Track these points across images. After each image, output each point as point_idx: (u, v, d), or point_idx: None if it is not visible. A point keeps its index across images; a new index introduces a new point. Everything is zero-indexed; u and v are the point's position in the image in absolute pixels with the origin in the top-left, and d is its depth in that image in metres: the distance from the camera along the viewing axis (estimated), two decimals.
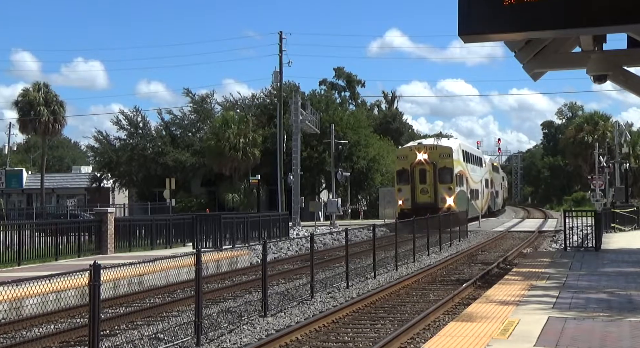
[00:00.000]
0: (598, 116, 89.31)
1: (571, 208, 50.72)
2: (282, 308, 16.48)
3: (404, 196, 50.27)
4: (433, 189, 50.18)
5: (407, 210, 47.45)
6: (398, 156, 54.06)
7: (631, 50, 18.74)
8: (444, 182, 50.14)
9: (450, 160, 50.47)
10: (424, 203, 48.82)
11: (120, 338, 13.12)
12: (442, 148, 51.91)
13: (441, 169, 50.29)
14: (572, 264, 21.38)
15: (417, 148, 51.66)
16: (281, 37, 53.82)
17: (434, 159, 50.39)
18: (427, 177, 50.32)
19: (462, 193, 56.05)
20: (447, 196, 49.72)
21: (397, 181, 52.24)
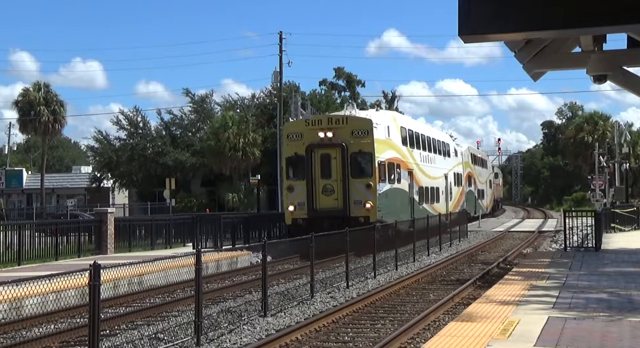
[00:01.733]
0: (598, 116, 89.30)
1: (571, 208, 50.75)
2: (282, 308, 16.48)
3: (297, 199, 30.87)
4: (342, 187, 30.46)
5: (302, 220, 30.25)
6: (288, 134, 32.07)
7: (631, 50, 18.74)
8: (360, 175, 30.73)
9: (369, 141, 30.71)
10: (329, 210, 30.35)
11: (120, 338, 13.12)
12: (358, 121, 31.56)
13: (355, 155, 30.78)
14: (572, 264, 21.39)
15: (318, 122, 31.90)
16: (281, 37, 53.88)
17: (344, 139, 30.67)
18: (333, 168, 30.76)
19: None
20: (365, 197, 30.32)
21: (286, 174, 32.49)
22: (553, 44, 19.48)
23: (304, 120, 34.33)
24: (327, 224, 27.42)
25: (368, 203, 30.10)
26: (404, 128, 36.10)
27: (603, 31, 12.96)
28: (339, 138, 30.66)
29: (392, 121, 34.90)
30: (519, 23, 5.31)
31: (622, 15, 5.04)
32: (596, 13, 5.09)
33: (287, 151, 32.03)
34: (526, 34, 6.53)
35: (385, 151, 32.17)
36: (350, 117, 31.97)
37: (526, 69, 20.35)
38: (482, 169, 64.48)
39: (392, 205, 32.09)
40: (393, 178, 32.93)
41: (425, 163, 39.26)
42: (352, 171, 30.56)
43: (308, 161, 30.73)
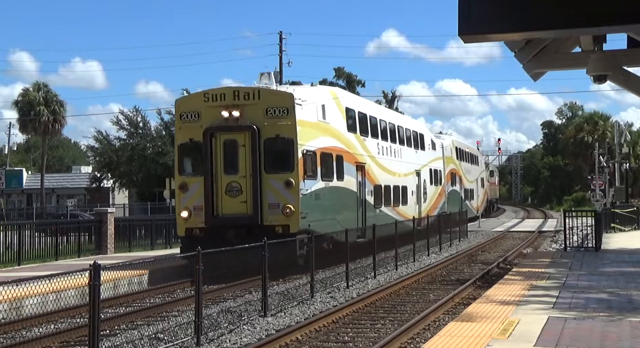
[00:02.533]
0: (598, 116, 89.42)
1: (571, 208, 50.78)
2: (282, 308, 16.48)
3: (193, 202, 23.03)
4: (252, 185, 22.47)
5: (200, 231, 22.71)
6: (182, 113, 23.74)
7: (631, 50, 18.77)
8: (276, 169, 22.80)
9: (289, 123, 22.68)
10: (234, 216, 22.57)
11: (120, 338, 13.12)
12: (274, 96, 23.27)
13: (271, 142, 22.75)
14: (572, 264, 21.39)
15: (220, 96, 23.16)
16: (281, 37, 53.87)
17: (256, 119, 22.73)
18: (240, 159, 22.88)
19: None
20: (284, 199, 22.41)
21: (178, 167, 24.15)
22: (553, 44, 19.50)
23: (201, 93, 23.60)
24: (232, 235, 21.29)
25: (287, 206, 21.94)
26: (351, 110, 27.60)
27: (603, 31, 12.98)
28: (248, 118, 22.34)
29: (331, 100, 25.97)
30: (519, 23, 5.31)
31: (622, 15, 5.04)
32: (596, 13, 5.09)
33: (180, 136, 23.69)
34: (526, 34, 6.54)
35: (316, 138, 23.95)
36: (264, 90, 22.92)
37: (526, 69, 20.38)
38: (472, 166, 55.57)
39: (327, 209, 24.23)
40: (330, 174, 24.86)
41: (386, 156, 31.11)
42: (267, 163, 22.34)
43: (207, 150, 22.51)
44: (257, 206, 22.16)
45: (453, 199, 45.42)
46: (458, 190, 47.99)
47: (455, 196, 46.51)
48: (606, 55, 18.82)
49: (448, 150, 45.27)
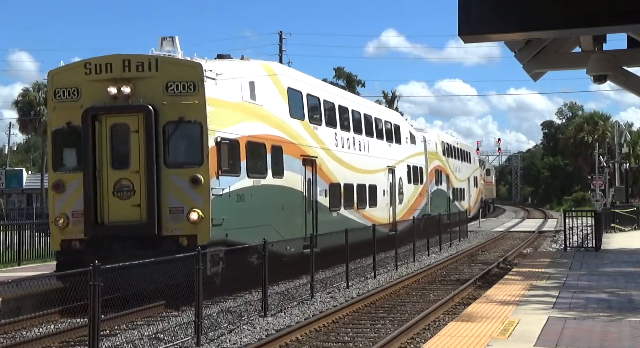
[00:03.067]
0: (598, 116, 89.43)
1: (571, 208, 50.77)
2: (282, 308, 16.48)
3: (70, 206, 17.94)
4: (147, 183, 17.32)
5: (80, 243, 17.60)
6: (56, 90, 18.29)
7: (631, 50, 18.78)
8: (180, 162, 17.72)
9: (197, 102, 17.42)
10: (125, 224, 17.40)
11: (120, 338, 13.12)
12: (177, 68, 17.76)
13: (173, 127, 17.67)
14: (572, 264, 21.40)
15: (106, 67, 17.83)
16: (281, 37, 53.86)
17: (152, 97, 17.50)
18: (132, 150, 17.73)
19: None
20: (189, 202, 17.21)
21: (52, 160, 19.33)
22: (553, 44, 19.51)
23: (82, 63, 18.16)
24: (120, 249, 16.74)
25: (194, 211, 16.83)
26: (296, 92, 22.36)
27: (603, 31, 12.98)
28: (143, 96, 17.20)
29: (266, 77, 20.63)
30: (519, 23, 5.31)
31: (622, 15, 5.04)
32: (596, 13, 5.09)
33: (55, 119, 18.58)
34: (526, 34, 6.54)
35: (238, 123, 18.66)
36: (163, 60, 17.54)
37: (526, 69, 20.39)
38: (462, 163, 49.92)
39: (256, 214, 18.96)
40: (262, 169, 19.73)
41: (347, 150, 26.01)
42: (168, 155, 17.29)
43: (88, 138, 17.47)
44: (153, 210, 16.85)
45: (438, 200, 40.70)
46: (444, 190, 42.91)
47: (441, 197, 41.61)
48: (606, 55, 18.83)
49: (432, 145, 40.21)
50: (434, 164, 40.19)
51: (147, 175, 17.17)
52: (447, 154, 44.57)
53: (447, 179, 43.64)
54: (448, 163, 44.53)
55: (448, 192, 43.85)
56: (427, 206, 37.37)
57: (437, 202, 40.00)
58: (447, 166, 44.11)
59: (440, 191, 41.85)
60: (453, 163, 46.13)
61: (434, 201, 39.17)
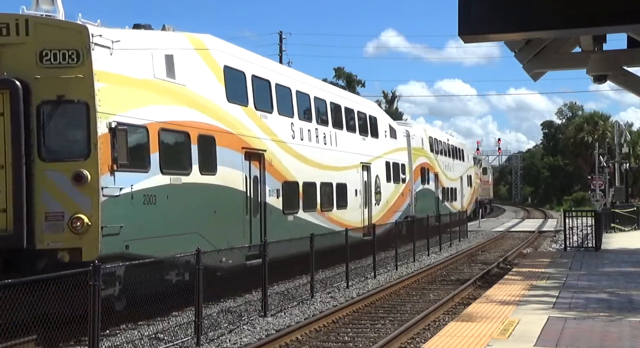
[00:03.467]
0: (598, 116, 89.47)
1: (571, 208, 50.73)
2: (282, 308, 16.48)
3: None
4: (14, 181, 13.26)
5: None
6: None
7: (631, 50, 18.78)
8: (59, 154, 13.57)
9: (80, 77, 13.37)
10: None
11: (120, 338, 13.12)
12: (55, 32, 13.65)
13: (50, 109, 13.57)
14: (572, 264, 21.40)
15: None
16: (281, 37, 53.83)
17: (20, 70, 13.50)
18: None
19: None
20: (71, 206, 13.18)
21: None
22: (553, 44, 19.51)
23: None
24: None
25: (79, 217, 13.20)
26: (235, 72, 18.68)
27: (603, 31, 12.98)
28: (8, 67, 13.59)
29: (191, 50, 16.96)
30: (519, 23, 5.31)
31: (622, 15, 5.04)
32: (596, 13, 5.09)
33: None
34: (526, 34, 6.54)
35: (147, 105, 14.97)
36: (37, 21, 13.85)
37: (526, 69, 20.39)
38: (454, 161, 45.71)
39: (172, 221, 15.19)
40: (183, 164, 16.00)
41: (306, 142, 22.29)
42: (42, 145, 13.59)
43: None
44: (22, 217, 13.14)
45: (425, 200, 36.29)
46: (432, 189, 38.41)
47: (428, 197, 37.14)
48: (606, 55, 18.84)
49: (417, 140, 35.92)
50: (419, 161, 36.03)
51: (15, 171, 13.27)
52: (436, 151, 40.23)
53: (435, 177, 39.22)
54: (437, 161, 40.07)
55: (437, 192, 39.46)
56: (410, 207, 33.74)
57: (423, 203, 35.90)
58: (435, 163, 39.61)
59: (428, 190, 37.48)
60: (443, 160, 41.85)
61: (419, 202, 35.17)
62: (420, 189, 35.83)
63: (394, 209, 31.03)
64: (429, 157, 38.35)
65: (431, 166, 38.59)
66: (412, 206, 34.11)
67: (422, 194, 36.20)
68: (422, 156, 36.87)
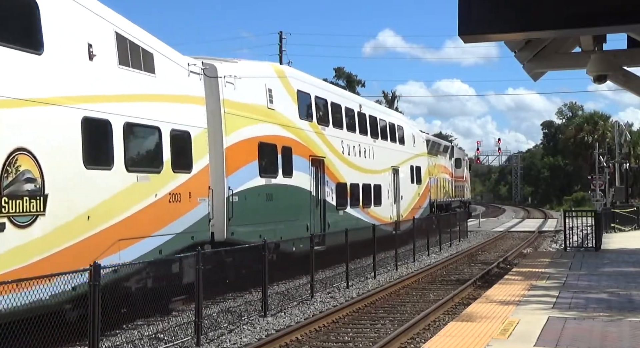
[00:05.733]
0: (598, 116, 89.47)
1: (571, 208, 50.74)
2: (282, 308, 16.48)
3: None
4: None
5: None
6: None
7: (631, 50, 18.78)
8: None
9: None
10: None
11: (120, 338, 13.12)
12: None
13: None
14: (572, 264, 21.39)
15: None
16: (281, 37, 53.82)
17: None
18: None
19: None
20: None
21: None
22: (553, 44, 19.50)
23: None
24: None
25: None
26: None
27: (603, 31, 12.99)
28: None
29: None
30: (519, 23, 5.31)
31: (622, 15, 5.04)
32: (596, 13, 5.09)
33: None
34: (526, 34, 6.55)
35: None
36: None
37: (526, 69, 20.38)
38: (378, 141, 29.69)
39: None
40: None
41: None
42: None
43: None
44: None
45: (272, 205, 20.10)
46: (303, 186, 22.18)
47: (281, 199, 20.58)
48: (606, 55, 18.83)
49: (246, 88, 18.89)
50: (252, 130, 19.21)
51: None
52: (319, 118, 23.95)
53: (315, 165, 23.19)
54: (320, 135, 23.72)
55: (318, 190, 23.46)
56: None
57: (267, 208, 19.81)
58: (314, 139, 23.27)
59: (280, 188, 20.66)
60: (340, 136, 25.68)
61: (248, 206, 18.59)
62: (252, 186, 18.84)
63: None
64: (291, 126, 21.48)
65: (298, 144, 21.95)
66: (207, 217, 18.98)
67: (260, 194, 19.38)
68: (267, 121, 19.93)
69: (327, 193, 23.56)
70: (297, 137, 21.67)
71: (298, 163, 21.48)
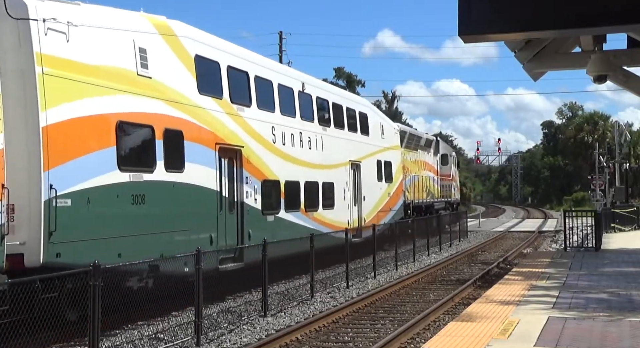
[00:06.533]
0: (598, 116, 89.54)
1: (571, 208, 50.75)
2: (282, 308, 16.48)
3: None
4: None
5: None
6: None
7: (631, 50, 18.77)
8: None
9: None
10: None
11: (120, 338, 13.12)
12: None
13: None
14: (572, 264, 21.39)
15: None
16: (281, 37, 53.79)
17: None
18: None
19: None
20: None
21: None
22: (553, 44, 19.51)
23: None
24: None
25: None
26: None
27: (603, 31, 12.99)
28: None
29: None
30: (519, 23, 5.32)
31: (622, 15, 5.04)
32: (596, 13, 5.09)
33: None
34: (526, 34, 6.55)
35: None
36: None
37: (526, 69, 20.38)
38: (330, 129, 24.19)
39: None
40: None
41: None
42: None
43: None
44: None
45: (151, 212, 14.56)
46: (200, 184, 16.33)
47: (157, 204, 14.72)
48: (606, 55, 18.82)
49: (123, 46, 14.37)
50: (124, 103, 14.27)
51: None
52: (241, 97, 18.72)
53: (225, 157, 17.53)
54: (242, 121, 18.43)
55: (234, 190, 17.92)
56: None
57: (127, 216, 14.08)
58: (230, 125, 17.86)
59: (161, 186, 14.96)
60: (282, 124, 20.57)
61: (93, 214, 13.23)
62: (102, 185, 13.47)
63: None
64: (182, 103, 15.88)
65: (196, 127, 16.33)
66: None
67: (121, 196, 13.99)
68: (136, 93, 14.53)
69: (246, 194, 18.01)
70: (195, 118, 16.05)
71: (195, 153, 15.85)
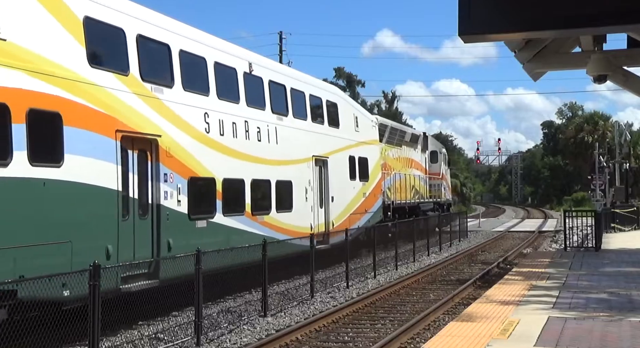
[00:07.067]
0: (598, 116, 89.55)
1: (571, 208, 50.74)
2: (282, 308, 16.47)
3: None
4: None
5: None
6: None
7: (631, 50, 18.78)
8: None
9: None
10: None
11: (120, 338, 13.12)
12: None
13: None
14: (572, 264, 21.40)
15: None
16: (281, 37, 53.82)
17: None
18: None
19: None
20: None
21: None
22: (553, 44, 19.51)
23: None
24: None
25: None
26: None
27: (603, 31, 12.98)
28: None
29: None
30: (519, 23, 5.31)
31: (622, 15, 5.04)
32: (596, 13, 5.09)
33: None
34: (526, 34, 6.55)
35: None
36: None
37: (526, 69, 20.39)
38: (286, 119, 20.73)
39: None
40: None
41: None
42: None
43: None
44: None
45: None
46: (83, 181, 12.56)
47: (28, 210, 11.38)
48: (606, 55, 18.83)
49: None
50: None
51: None
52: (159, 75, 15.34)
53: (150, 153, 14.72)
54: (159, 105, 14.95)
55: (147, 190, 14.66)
56: None
57: None
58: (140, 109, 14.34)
59: (24, 186, 11.40)
60: (220, 110, 17.26)
61: None
62: None
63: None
64: (61, 77, 12.33)
65: (84, 109, 12.81)
66: None
67: None
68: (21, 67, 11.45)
69: (165, 195, 14.71)
70: (82, 97, 12.57)
71: (81, 143, 12.42)
